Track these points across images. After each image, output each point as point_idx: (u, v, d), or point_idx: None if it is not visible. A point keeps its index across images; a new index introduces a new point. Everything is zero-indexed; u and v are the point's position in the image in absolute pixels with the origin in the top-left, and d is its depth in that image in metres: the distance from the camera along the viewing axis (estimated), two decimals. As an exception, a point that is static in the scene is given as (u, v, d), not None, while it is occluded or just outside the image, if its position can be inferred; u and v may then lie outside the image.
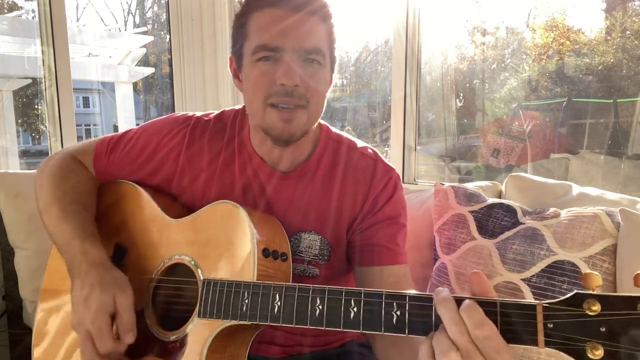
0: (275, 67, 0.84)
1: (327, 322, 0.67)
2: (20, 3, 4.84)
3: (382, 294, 0.64)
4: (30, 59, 2.51)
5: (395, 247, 0.95)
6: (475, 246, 1.27)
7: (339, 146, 1.00)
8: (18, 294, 1.54)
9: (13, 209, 1.53)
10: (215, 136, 1.00)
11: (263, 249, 0.80)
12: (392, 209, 0.96)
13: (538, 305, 0.55)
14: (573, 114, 2.59)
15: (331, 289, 0.68)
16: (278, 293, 0.71)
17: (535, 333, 0.55)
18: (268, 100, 0.85)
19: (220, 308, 0.76)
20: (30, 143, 6.92)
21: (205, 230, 0.86)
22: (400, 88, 1.92)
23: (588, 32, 2.62)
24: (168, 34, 2.30)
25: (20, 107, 4.14)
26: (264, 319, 0.72)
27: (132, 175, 1.02)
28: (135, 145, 1.01)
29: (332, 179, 0.97)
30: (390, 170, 0.99)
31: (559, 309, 0.54)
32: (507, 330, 0.56)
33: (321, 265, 0.97)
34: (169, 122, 1.02)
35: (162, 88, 6.55)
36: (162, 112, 6.69)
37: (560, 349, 0.53)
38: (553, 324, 0.54)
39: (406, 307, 0.62)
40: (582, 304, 0.53)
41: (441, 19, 2.56)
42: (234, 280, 0.77)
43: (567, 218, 1.17)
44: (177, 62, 2.28)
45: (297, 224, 0.95)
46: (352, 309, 0.65)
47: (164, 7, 2.38)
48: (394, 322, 0.62)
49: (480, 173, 2.81)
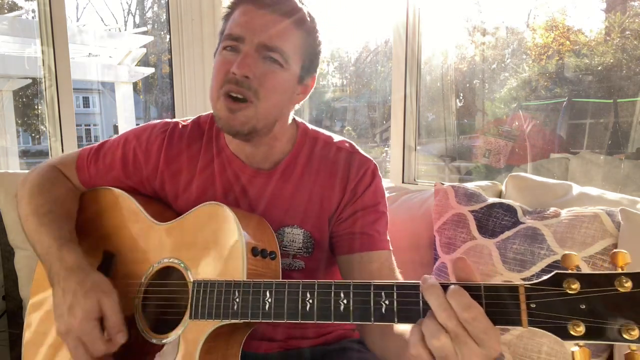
0: (233, 57, 0.87)
1: (318, 315, 0.68)
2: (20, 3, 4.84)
3: (370, 285, 0.65)
4: (30, 59, 2.51)
5: (375, 233, 0.96)
6: (476, 246, 1.27)
7: (316, 142, 1.02)
8: (18, 294, 1.54)
9: (13, 209, 1.53)
10: (193, 140, 1.02)
11: (252, 247, 0.80)
12: (371, 197, 0.98)
13: (520, 287, 0.57)
14: (573, 114, 2.59)
15: (320, 283, 0.69)
16: (268, 290, 0.72)
17: (519, 314, 0.56)
18: (222, 89, 0.87)
19: (212, 308, 0.76)
20: (30, 143, 6.92)
21: (193, 232, 0.87)
22: (400, 88, 1.92)
23: (588, 32, 2.62)
24: (168, 34, 2.30)
25: (20, 107, 4.14)
26: (255, 316, 0.72)
27: (115, 182, 1.04)
28: (116, 154, 1.04)
29: (311, 173, 0.99)
30: (367, 161, 1.01)
31: (541, 289, 0.56)
32: (493, 312, 0.57)
33: (306, 257, 0.99)
34: (146, 129, 1.05)
35: (162, 88, 6.55)
36: (162, 112, 6.69)
37: (544, 327, 0.55)
38: (535, 303, 0.56)
39: (394, 296, 0.63)
40: (562, 283, 0.55)
41: (441, 19, 2.56)
42: (224, 280, 0.77)
43: (567, 218, 1.17)
44: (177, 62, 2.28)
45: (280, 219, 0.97)
46: (342, 301, 0.66)
47: (164, 7, 2.38)
48: (383, 312, 0.63)
49: (480, 173, 2.81)
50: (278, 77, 0.89)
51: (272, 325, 1.00)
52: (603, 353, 1.07)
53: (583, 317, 0.53)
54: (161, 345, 0.82)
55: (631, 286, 0.51)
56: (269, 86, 0.88)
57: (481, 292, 0.58)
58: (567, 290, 0.54)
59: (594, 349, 1.06)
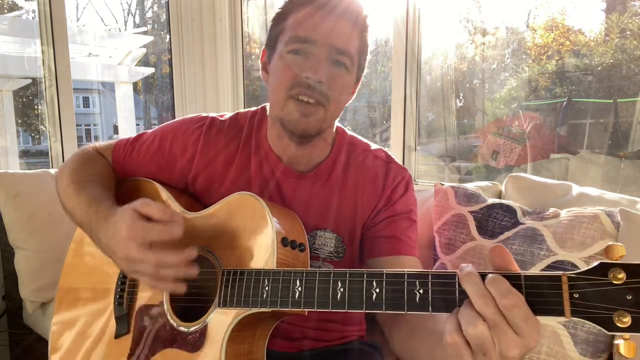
0: (303, 61, 0.86)
1: (350, 304, 0.66)
2: (20, 3, 4.84)
3: (404, 274, 0.63)
4: (30, 59, 2.51)
5: (406, 239, 0.97)
6: (475, 246, 1.27)
7: (354, 148, 1.03)
8: (18, 294, 1.54)
9: (13, 209, 1.53)
10: (231, 136, 1.02)
11: (282, 238, 0.80)
12: (404, 205, 0.99)
13: (563, 276, 0.55)
14: (573, 114, 2.59)
15: (352, 272, 0.67)
16: (299, 278, 0.71)
17: (561, 303, 0.55)
18: (291, 91, 0.87)
19: (240, 296, 0.76)
20: (30, 143, 6.91)
21: (224, 221, 0.86)
22: (400, 88, 1.92)
23: (588, 32, 2.62)
24: (168, 34, 2.30)
25: (20, 107, 4.14)
26: (285, 304, 0.71)
27: (148, 174, 1.04)
28: (151, 146, 1.03)
29: (347, 179, 0.99)
30: (403, 171, 1.02)
31: (585, 279, 0.54)
32: (533, 302, 0.55)
33: (336, 262, 0.99)
34: (183, 122, 1.04)
35: (162, 88, 6.55)
36: (162, 112, 6.68)
37: (587, 317, 0.53)
38: (579, 293, 0.54)
39: (429, 285, 0.61)
40: (607, 274, 0.53)
41: (441, 19, 2.56)
42: (253, 269, 0.77)
43: (566, 218, 1.17)
44: (177, 62, 2.28)
45: (313, 222, 0.97)
46: (374, 290, 0.64)
47: (164, 7, 2.38)
48: (417, 301, 0.61)
49: (480, 173, 2.81)
50: (345, 80, 0.90)
51: (298, 326, 1.00)
52: (602, 354, 1.07)
53: (629, 308, 0.52)
54: (189, 332, 0.82)
55: None
56: (338, 89, 0.89)
57: (521, 282, 0.57)
58: (613, 280, 0.53)
59: (594, 350, 1.06)
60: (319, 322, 1.02)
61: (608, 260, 0.54)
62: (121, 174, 1.06)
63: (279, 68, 0.89)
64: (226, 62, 2.34)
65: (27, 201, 1.56)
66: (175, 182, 1.03)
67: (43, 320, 1.55)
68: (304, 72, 0.85)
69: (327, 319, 1.03)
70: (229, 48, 2.35)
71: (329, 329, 1.04)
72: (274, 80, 0.91)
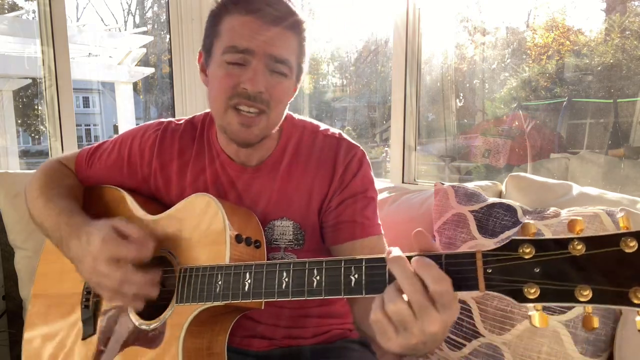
0: (241, 71, 0.86)
1: (293, 292, 0.71)
2: (20, 3, 4.84)
3: (341, 260, 0.68)
4: (30, 59, 2.52)
5: (364, 220, 0.97)
6: (476, 246, 1.27)
7: (303, 131, 1.03)
8: (18, 294, 1.54)
9: (13, 209, 1.53)
10: (185, 137, 1.05)
11: (236, 234, 0.83)
12: (359, 184, 0.98)
13: (477, 253, 0.59)
14: (573, 114, 2.59)
15: (296, 262, 0.71)
16: (248, 271, 0.75)
17: (476, 278, 0.59)
18: (230, 101, 0.88)
19: (196, 292, 0.80)
20: (30, 143, 6.92)
21: (181, 222, 0.90)
22: (400, 88, 1.92)
23: (588, 32, 2.62)
24: (168, 34, 2.30)
25: (20, 107, 4.14)
26: (235, 297, 0.75)
27: (110, 180, 1.08)
28: (111, 154, 1.07)
29: (298, 164, 1.00)
30: (354, 147, 1.01)
31: (497, 255, 0.58)
32: (453, 279, 0.59)
33: (297, 250, 0.99)
34: (141, 128, 1.08)
35: (162, 88, 6.55)
36: (162, 112, 6.69)
37: (500, 291, 0.57)
38: (492, 269, 0.58)
39: (363, 270, 0.66)
40: (517, 249, 0.57)
41: (441, 19, 2.56)
42: (208, 265, 0.81)
43: (567, 218, 1.17)
44: (177, 62, 2.28)
45: (268, 213, 0.98)
46: (314, 277, 0.69)
47: (164, 7, 2.38)
48: (352, 286, 0.66)
49: (480, 173, 2.81)
50: (284, 87, 0.90)
51: (272, 325, 1.00)
52: (603, 353, 1.07)
53: (537, 280, 0.55)
54: (149, 330, 0.85)
55: (584, 249, 0.53)
56: (278, 97, 0.90)
57: (442, 260, 0.60)
58: (522, 255, 0.56)
59: (594, 349, 1.06)
60: (293, 318, 1.02)
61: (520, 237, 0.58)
62: (85, 183, 1.10)
63: (217, 76, 0.89)
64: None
65: (27, 201, 1.56)
66: (136, 185, 1.06)
67: (43, 320, 1.55)
68: (242, 83, 0.85)
69: (301, 314, 1.03)
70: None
71: (305, 324, 1.04)
72: (213, 89, 0.91)
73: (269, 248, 0.96)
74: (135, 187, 1.06)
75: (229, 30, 0.87)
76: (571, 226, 0.55)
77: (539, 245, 0.56)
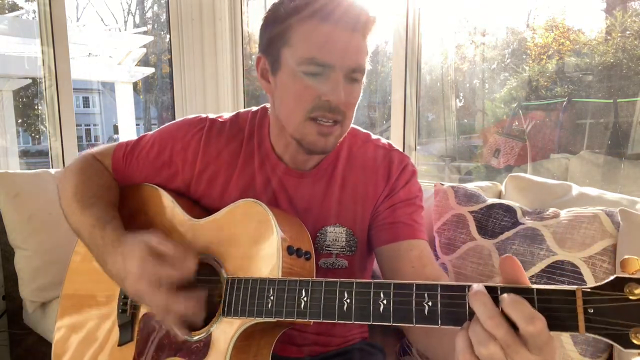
0: (321, 83, 0.83)
1: (356, 316, 0.65)
2: (20, 3, 4.84)
3: (412, 285, 0.61)
4: (30, 59, 2.52)
5: (414, 223, 0.96)
6: (475, 246, 1.27)
7: (355, 140, 1.03)
8: (18, 294, 1.54)
9: (13, 209, 1.53)
10: (232, 137, 1.00)
11: (288, 246, 0.79)
12: (409, 192, 0.99)
13: (577, 290, 0.53)
14: (573, 114, 2.58)
15: (359, 282, 0.66)
16: (304, 288, 0.70)
17: (575, 318, 0.53)
18: (310, 114, 0.85)
19: (245, 306, 0.75)
20: (30, 143, 6.92)
21: (229, 229, 0.85)
22: (400, 88, 1.92)
23: (588, 32, 2.62)
24: (168, 34, 2.30)
25: (20, 107, 4.14)
26: (290, 315, 0.70)
27: (150, 180, 1.03)
28: (151, 151, 1.02)
29: (352, 171, 0.99)
30: (405, 158, 1.03)
31: (599, 294, 0.52)
32: (546, 317, 0.53)
33: (349, 256, 0.98)
34: (183, 125, 1.02)
35: (162, 88, 6.55)
36: (162, 112, 6.68)
37: (602, 334, 0.52)
38: (593, 308, 0.52)
39: (438, 298, 0.59)
40: (623, 288, 0.51)
41: (441, 19, 2.56)
42: (258, 278, 0.76)
43: (566, 218, 1.17)
44: (177, 62, 2.28)
45: (321, 219, 0.97)
46: (381, 301, 0.63)
47: (164, 7, 2.37)
48: (425, 314, 0.60)
49: (480, 173, 2.81)
50: (358, 93, 0.89)
51: (300, 332, 0.99)
52: (603, 353, 1.07)
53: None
54: (193, 341, 0.81)
55: None
56: (353, 104, 0.89)
57: (534, 296, 0.54)
58: (629, 296, 0.50)
59: (594, 350, 1.06)
60: (323, 328, 1.02)
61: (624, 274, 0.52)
62: (122, 181, 1.05)
63: (294, 88, 0.86)
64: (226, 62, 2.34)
65: (27, 201, 1.56)
66: (177, 187, 1.02)
67: (43, 320, 1.55)
68: (324, 95, 0.83)
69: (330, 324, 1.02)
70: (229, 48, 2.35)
71: (333, 334, 1.04)
72: (288, 99, 0.88)
73: (321, 254, 0.95)
74: (175, 187, 1.02)
75: (305, 41, 0.83)
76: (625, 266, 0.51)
77: None
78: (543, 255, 1.14)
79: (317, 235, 0.96)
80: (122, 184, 1.05)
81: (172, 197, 0.97)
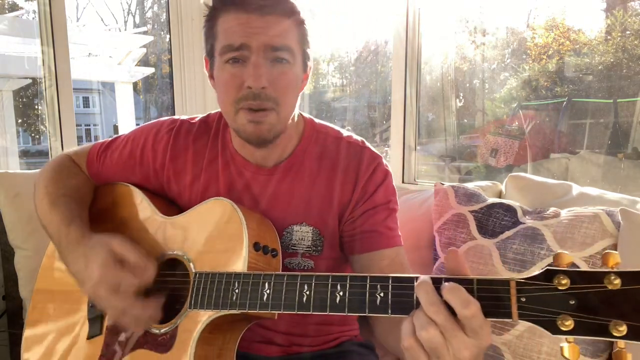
0: (242, 69, 0.84)
1: (314, 306, 0.69)
2: (20, 3, 4.84)
3: (366, 277, 0.66)
4: (30, 59, 2.51)
5: (386, 230, 0.96)
6: (476, 246, 1.27)
7: (325, 137, 1.01)
8: (18, 294, 1.54)
9: (13, 209, 1.53)
10: (200, 137, 1.02)
11: (254, 242, 0.82)
12: (382, 196, 0.97)
13: (512, 281, 0.58)
14: (573, 114, 2.59)
15: (318, 275, 0.70)
16: (267, 282, 0.74)
17: (509, 307, 0.58)
18: (238, 104, 0.86)
19: (211, 298, 0.78)
20: (30, 143, 6.91)
21: (198, 226, 0.89)
22: (400, 88, 1.92)
23: (588, 32, 2.62)
24: (168, 34, 2.30)
25: (20, 107, 4.14)
26: (253, 307, 0.74)
27: (126, 179, 1.06)
28: (124, 150, 1.05)
29: (320, 169, 0.98)
30: (377, 157, 1.00)
31: (532, 284, 0.57)
32: (484, 305, 0.58)
33: (315, 257, 0.97)
34: (154, 126, 1.05)
35: (162, 88, 6.55)
36: (162, 112, 6.68)
37: (533, 321, 0.56)
38: (526, 297, 0.57)
39: (389, 289, 0.64)
40: (552, 279, 0.56)
41: (441, 19, 2.56)
42: (224, 272, 0.79)
43: (567, 218, 1.17)
44: (177, 62, 2.28)
45: (287, 217, 0.96)
46: (338, 293, 0.67)
47: (164, 7, 2.38)
48: (377, 304, 0.64)
49: (480, 173, 2.81)
50: (290, 75, 0.88)
51: (273, 329, 0.99)
52: (603, 353, 1.07)
53: (571, 312, 0.54)
54: (159, 334, 0.84)
55: (620, 284, 0.52)
56: (285, 87, 0.87)
57: (473, 286, 0.59)
58: (557, 286, 0.55)
59: (594, 349, 1.06)
60: (307, 325, 1.01)
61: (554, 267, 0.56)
62: (97, 180, 1.08)
63: (223, 79, 0.87)
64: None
65: (27, 201, 1.55)
66: (154, 187, 1.05)
67: (43, 320, 1.55)
68: (245, 81, 0.83)
69: (315, 321, 1.02)
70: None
71: (319, 332, 1.04)
72: (220, 92, 0.90)
73: (287, 253, 0.95)
74: (148, 186, 1.05)
75: (224, 31, 0.86)
76: (606, 259, 0.54)
77: (574, 276, 0.55)
78: (543, 254, 1.14)
79: (283, 234, 0.95)
80: (97, 183, 1.09)
81: (147, 195, 1.01)
